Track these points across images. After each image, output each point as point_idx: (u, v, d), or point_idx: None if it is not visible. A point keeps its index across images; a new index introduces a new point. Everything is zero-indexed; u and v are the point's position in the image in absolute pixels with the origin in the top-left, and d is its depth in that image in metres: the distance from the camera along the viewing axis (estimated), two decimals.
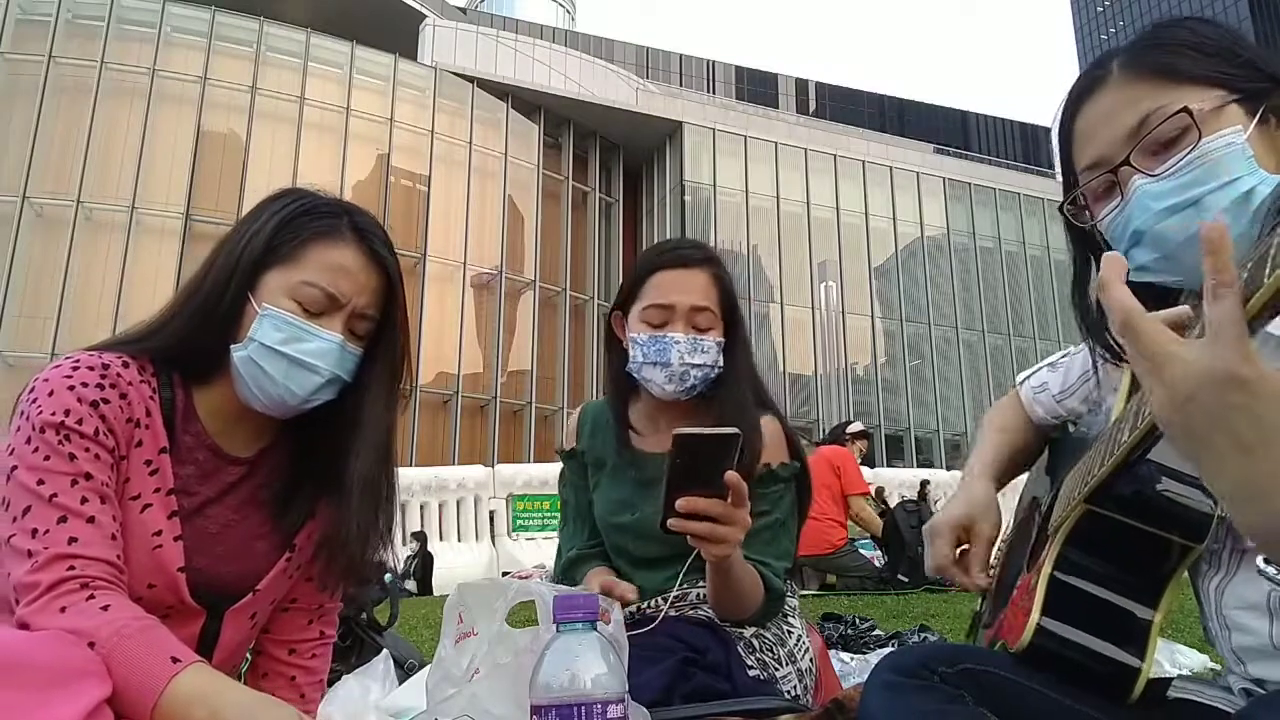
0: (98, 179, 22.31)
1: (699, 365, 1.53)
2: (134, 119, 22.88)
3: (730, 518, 1.23)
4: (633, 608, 1.58)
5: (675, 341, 1.52)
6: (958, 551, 1.17)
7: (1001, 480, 1.24)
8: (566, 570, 1.65)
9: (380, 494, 1.21)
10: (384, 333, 1.21)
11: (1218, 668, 1.89)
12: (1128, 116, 0.91)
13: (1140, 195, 0.90)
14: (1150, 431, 0.75)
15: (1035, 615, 0.91)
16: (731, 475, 1.20)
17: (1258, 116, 0.87)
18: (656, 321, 1.54)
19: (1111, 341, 1.01)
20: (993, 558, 1.33)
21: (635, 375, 1.58)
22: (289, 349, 1.11)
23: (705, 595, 1.48)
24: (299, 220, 1.15)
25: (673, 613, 1.52)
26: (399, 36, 27.27)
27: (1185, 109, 0.87)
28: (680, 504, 1.20)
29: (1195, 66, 0.89)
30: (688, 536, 1.25)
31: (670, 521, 1.22)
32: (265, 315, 1.11)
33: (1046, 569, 0.94)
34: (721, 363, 1.57)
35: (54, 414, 1.02)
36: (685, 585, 1.50)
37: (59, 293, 21.41)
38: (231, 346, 1.13)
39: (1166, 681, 0.94)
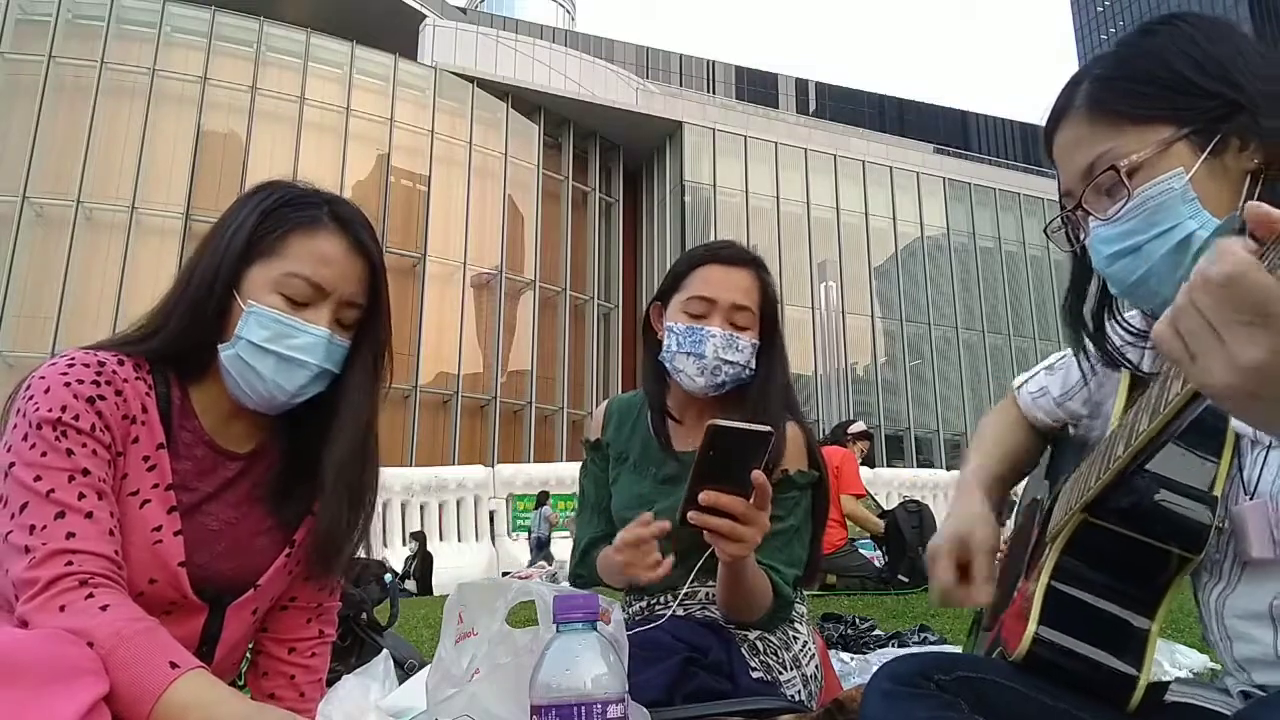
0: (98, 179, 22.32)
1: (732, 362, 1.54)
2: (134, 119, 22.90)
3: (751, 518, 1.23)
4: (641, 604, 1.58)
5: (711, 335, 1.53)
6: (958, 572, 1.15)
7: (998, 487, 1.22)
8: (584, 555, 1.65)
9: (356, 480, 1.20)
10: (369, 321, 1.21)
11: (1217, 668, 1.89)
12: (1080, 158, 0.93)
13: (1094, 237, 0.93)
14: (1167, 424, 0.74)
15: (1033, 625, 0.92)
16: (758, 475, 1.19)
17: (1210, 148, 0.86)
18: (696, 312, 1.56)
19: (1109, 349, 1.01)
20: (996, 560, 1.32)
21: (667, 364, 1.58)
22: (276, 346, 1.11)
23: (714, 595, 1.48)
24: (279, 212, 1.15)
25: (680, 611, 1.52)
26: (399, 36, 27.27)
27: (1113, 167, 0.88)
28: (703, 497, 1.20)
29: (1145, 106, 0.89)
30: (704, 533, 1.24)
31: (690, 515, 1.22)
32: (251, 312, 1.11)
33: (1044, 578, 0.94)
34: (754, 365, 1.57)
35: (51, 410, 1.02)
36: (695, 584, 1.50)
37: (59, 293, 21.42)
38: (219, 346, 1.13)
39: (1165, 685, 0.94)
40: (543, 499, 11.65)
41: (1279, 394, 0.57)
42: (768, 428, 1.17)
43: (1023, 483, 1.29)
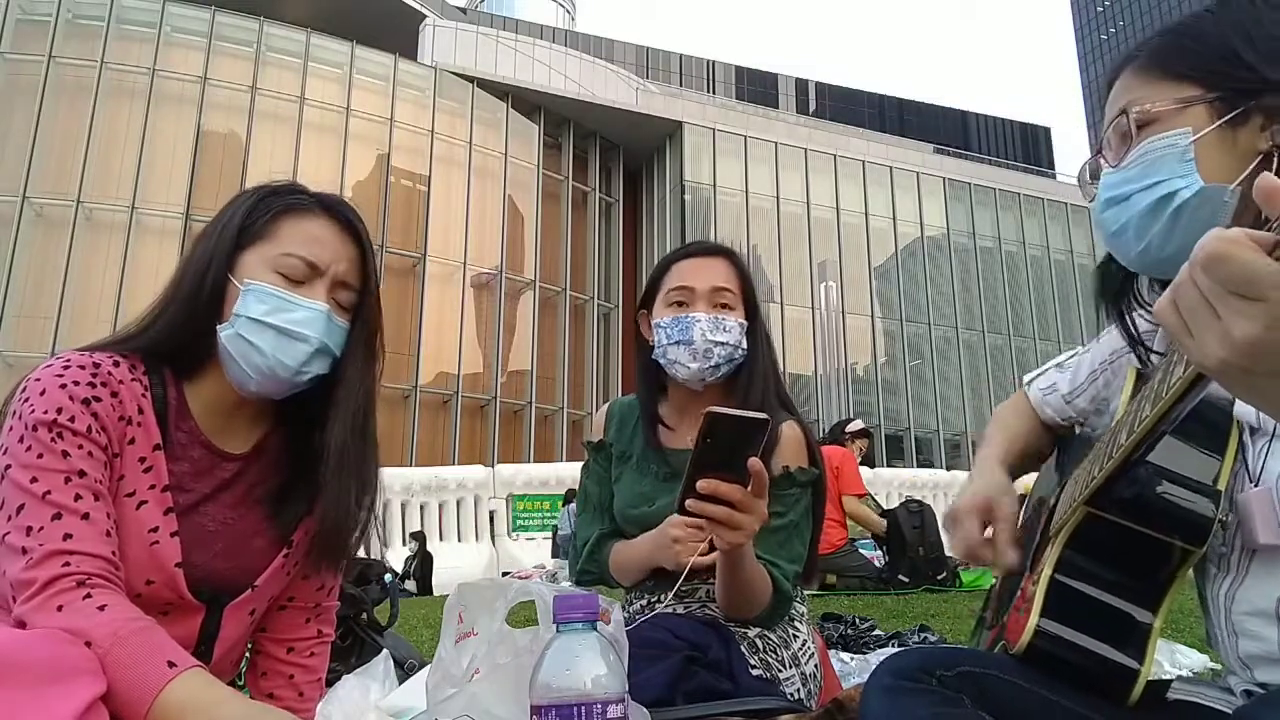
0: (98, 179, 22.31)
1: (722, 343, 1.57)
2: (134, 119, 22.89)
3: (748, 506, 1.23)
4: (642, 601, 1.58)
5: (697, 320, 1.57)
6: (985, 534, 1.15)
7: (1014, 472, 1.22)
8: (593, 550, 1.65)
9: (357, 462, 1.20)
10: (361, 304, 1.22)
11: (1217, 668, 1.89)
12: (1113, 107, 0.96)
13: (1100, 184, 0.95)
14: (1169, 409, 0.74)
15: (1034, 617, 0.92)
16: (755, 462, 1.20)
17: (1227, 117, 0.87)
18: (679, 300, 1.60)
19: (1126, 323, 1.02)
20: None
21: (661, 361, 1.61)
22: (275, 319, 1.12)
23: (713, 593, 1.48)
24: (267, 200, 1.19)
25: (680, 609, 1.52)
26: (399, 36, 27.27)
27: (1124, 112, 0.91)
28: (701, 484, 1.20)
29: (1179, 65, 0.90)
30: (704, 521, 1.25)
31: (689, 502, 1.22)
32: (249, 290, 1.13)
33: (1047, 571, 0.94)
34: (745, 345, 1.60)
35: (46, 412, 1.02)
36: (694, 580, 1.50)
37: (59, 293, 21.41)
38: (219, 327, 1.13)
39: (1166, 683, 0.94)
40: (570, 497, 11.70)
41: (1272, 369, 0.57)
42: (764, 415, 1.18)
43: (1030, 478, 1.29)
